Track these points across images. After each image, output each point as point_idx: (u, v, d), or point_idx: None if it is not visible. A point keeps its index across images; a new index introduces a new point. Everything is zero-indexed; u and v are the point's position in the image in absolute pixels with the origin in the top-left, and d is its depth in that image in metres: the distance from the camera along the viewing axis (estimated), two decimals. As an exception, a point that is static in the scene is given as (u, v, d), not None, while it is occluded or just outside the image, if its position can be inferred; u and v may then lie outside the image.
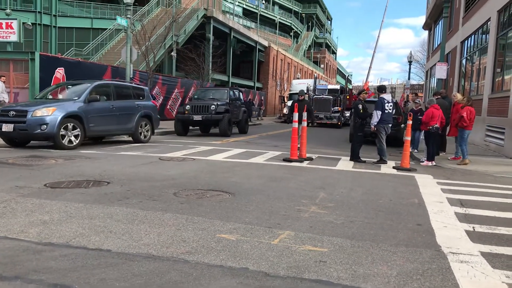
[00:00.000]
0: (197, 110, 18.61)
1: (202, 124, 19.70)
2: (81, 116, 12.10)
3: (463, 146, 11.72)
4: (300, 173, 9.31)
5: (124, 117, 13.80)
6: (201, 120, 18.50)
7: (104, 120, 13.04)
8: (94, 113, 12.61)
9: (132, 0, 18.23)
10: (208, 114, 18.38)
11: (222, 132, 18.52)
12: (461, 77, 23.31)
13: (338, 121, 31.90)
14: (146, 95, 15.31)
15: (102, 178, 7.57)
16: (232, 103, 19.97)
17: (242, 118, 21.25)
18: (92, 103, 12.53)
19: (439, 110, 11.70)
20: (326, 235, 4.76)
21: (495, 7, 16.18)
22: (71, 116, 11.88)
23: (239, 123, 21.26)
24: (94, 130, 12.75)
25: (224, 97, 20.04)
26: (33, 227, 4.61)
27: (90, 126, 12.42)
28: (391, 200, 6.88)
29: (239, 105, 21.30)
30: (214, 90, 22.03)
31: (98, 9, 38.79)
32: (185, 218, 5.17)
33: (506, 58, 15.28)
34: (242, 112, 21.33)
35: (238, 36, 46.28)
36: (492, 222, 5.68)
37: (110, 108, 13.28)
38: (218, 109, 18.46)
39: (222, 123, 18.48)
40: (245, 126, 21.98)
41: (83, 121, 12.17)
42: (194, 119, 18.41)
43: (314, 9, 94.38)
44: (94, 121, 12.57)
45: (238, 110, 20.91)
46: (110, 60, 28.81)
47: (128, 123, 13.99)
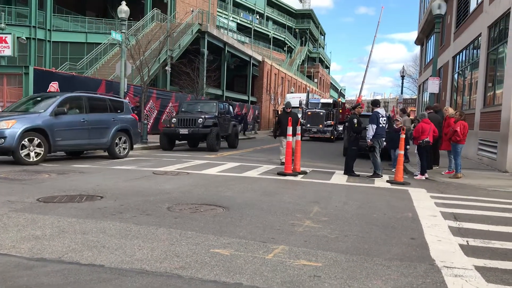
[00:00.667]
0: (184, 123, 17.89)
1: (188, 138, 18.80)
2: (45, 129, 11.51)
3: (458, 160, 11.79)
4: (294, 187, 9.31)
5: (97, 131, 13.10)
6: (188, 134, 17.71)
7: (73, 134, 12.40)
8: (62, 127, 12.01)
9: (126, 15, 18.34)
10: (195, 127, 17.65)
11: (210, 146, 17.77)
12: (453, 91, 23.52)
13: (331, 135, 31.63)
14: (125, 108, 14.55)
15: (96, 193, 7.53)
16: (221, 116, 19.37)
17: (231, 132, 20.57)
18: (59, 116, 11.94)
19: (429, 124, 11.79)
20: (320, 250, 4.74)
21: (486, 23, 16.42)
22: (34, 129, 11.33)
23: (229, 137, 20.60)
24: (62, 144, 12.16)
25: (213, 110, 19.37)
26: (25, 242, 4.56)
27: (56, 141, 11.83)
28: (385, 214, 6.88)
29: (228, 119, 20.65)
30: (203, 103, 21.15)
31: (92, 24, 38.91)
32: (178, 233, 5.15)
33: (497, 73, 15.45)
34: (231, 126, 20.67)
35: (232, 51, 46.55)
36: (486, 236, 5.69)
37: (81, 121, 12.65)
38: (205, 123, 17.80)
39: (209, 137, 17.68)
40: (235, 140, 21.25)
41: (48, 135, 11.57)
42: (181, 132, 17.64)
43: (307, 25, 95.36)
44: (61, 135, 11.98)
45: (227, 123, 20.29)
46: (104, 74, 28.83)
47: (102, 137, 13.27)
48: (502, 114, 13.90)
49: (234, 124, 21.15)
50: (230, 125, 20.57)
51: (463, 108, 20.00)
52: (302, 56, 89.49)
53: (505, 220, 6.81)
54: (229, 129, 20.43)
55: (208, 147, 17.89)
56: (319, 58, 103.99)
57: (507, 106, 13.51)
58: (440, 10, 15.31)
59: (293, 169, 11.54)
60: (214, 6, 52.34)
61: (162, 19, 38.08)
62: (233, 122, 21.18)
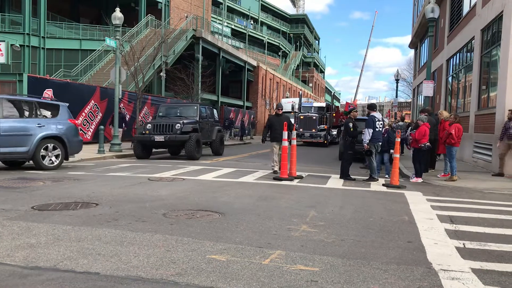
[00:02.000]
0: (160, 129, 16.25)
1: (165, 146, 17.02)
2: None
3: (453, 163, 11.81)
4: (290, 192, 9.30)
5: (12, 139, 11.30)
6: (164, 141, 15.96)
7: None
8: None
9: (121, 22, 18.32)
10: (172, 134, 16.01)
11: (189, 154, 16.13)
12: (447, 94, 23.63)
13: (324, 140, 30.62)
14: (61, 112, 12.57)
15: (91, 200, 7.49)
16: (202, 121, 17.85)
17: (215, 138, 19.03)
18: None
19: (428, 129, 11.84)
20: (317, 254, 4.73)
21: (479, 26, 16.53)
22: None
23: (213, 144, 19.08)
24: None
25: (193, 114, 17.75)
26: (20, 251, 4.52)
27: None
28: (381, 217, 6.88)
29: (212, 124, 19.11)
30: (182, 107, 19.21)
31: (87, 31, 38.87)
32: (174, 239, 5.12)
33: (490, 76, 15.54)
34: (215, 132, 19.09)
35: (227, 56, 46.62)
36: (482, 238, 5.70)
37: None
38: (184, 128, 16.21)
39: (188, 144, 15.99)
40: (220, 147, 19.58)
41: None
42: (156, 140, 15.90)
43: (301, 29, 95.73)
44: None
45: (210, 129, 18.82)
46: (99, 81, 28.79)
47: (19, 145, 11.45)
48: (496, 117, 13.97)
49: (218, 129, 19.62)
50: (214, 130, 19.06)
51: (457, 111, 20.08)
52: (297, 61, 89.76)
53: (501, 222, 6.83)
54: (213, 135, 18.94)
55: (187, 155, 16.33)
56: (314, 63, 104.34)
57: (501, 108, 13.58)
58: (433, 14, 15.39)
59: (289, 173, 11.53)
60: (208, 12, 52.46)
61: (157, 25, 38.12)
62: (217, 127, 19.68)
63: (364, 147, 11.64)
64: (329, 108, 34.53)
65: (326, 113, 33.02)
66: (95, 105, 22.48)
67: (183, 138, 16.04)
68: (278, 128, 12.22)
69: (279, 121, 12.32)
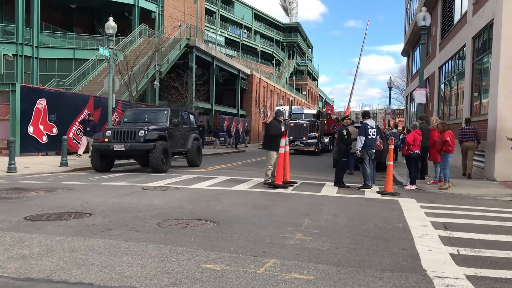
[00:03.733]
0: (120, 136, 14.14)
1: (126, 156, 14.95)
2: None
3: (446, 170, 11.82)
4: (285, 200, 9.29)
5: None
6: (125, 150, 13.90)
7: None
8: None
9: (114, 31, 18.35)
10: (135, 142, 13.94)
11: (153, 166, 14.06)
12: (440, 101, 23.78)
13: (315, 148, 29.36)
14: None
15: (84, 210, 7.44)
16: (174, 128, 15.77)
17: (191, 148, 16.97)
18: None
19: (420, 135, 11.89)
20: (312, 262, 4.72)
21: (470, 34, 16.69)
22: None
23: (188, 154, 17.02)
24: None
25: (163, 120, 15.66)
26: (12, 262, 4.48)
27: None
28: (376, 225, 6.88)
29: (187, 131, 17.09)
30: (151, 112, 17.12)
31: (80, 40, 38.85)
32: (168, 249, 5.10)
33: (482, 83, 15.67)
34: (191, 140, 17.05)
35: (221, 65, 46.71)
36: (476, 245, 5.72)
37: None
38: (148, 136, 14.11)
39: (153, 154, 13.90)
40: (196, 158, 17.40)
41: None
42: (115, 149, 13.87)
43: (295, 38, 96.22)
44: None
45: (185, 136, 16.80)
46: (92, 90, 28.72)
47: None
48: (488, 123, 14.07)
49: (195, 137, 17.54)
50: (189, 138, 17.02)
51: (450, 117, 20.22)
52: (290, 69, 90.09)
53: (495, 228, 6.85)
54: (188, 143, 16.91)
55: (151, 167, 14.23)
56: (307, 71, 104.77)
57: (493, 115, 13.69)
58: (425, 22, 15.53)
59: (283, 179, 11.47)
60: (202, 21, 52.62)
61: (150, 34, 38.16)
62: (194, 134, 17.54)
63: (357, 154, 11.67)
64: (320, 115, 33.03)
65: (317, 120, 31.62)
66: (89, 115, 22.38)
67: (146, 147, 13.98)
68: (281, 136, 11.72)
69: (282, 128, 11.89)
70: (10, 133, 17.70)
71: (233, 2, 77.50)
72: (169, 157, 15.02)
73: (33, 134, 18.77)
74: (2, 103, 18.94)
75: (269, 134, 11.85)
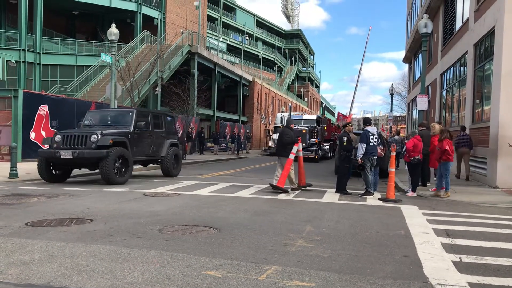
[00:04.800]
0: (70, 142, 12.25)
1: (75, 165, 12.83)
2: None
3: (447, 179, 11.70)
4: (286, 207, 9.27)
5: None
6: (72, 158, 11.94)
7: None
8: None
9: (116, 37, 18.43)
10: (85, 148, 12.06)
11: (104, 177, 12.13)
12: (442, 108, 23.78)
13: (315, 155, 28.63)
14: None
15: (85, 216, 7.44)
16: (140, 132, 13.80)
17: (166, 155, 14.97)
18: None
19: (420, 141, 11.86)
20: (313, 269, 4.70)
21: (471, 41, 16.71)
22: None
23: (163, 162, 15.02)
24: None
25: (127, 123, 13.66)
26: (13, 268, 4.47)
27: None
28: (377, 232, 6.86)
29: (161, 136, 15.06)
30: (114, 112, 15.18)
31: (82, 46, 39.03)
32: (170, 255, 5.08)
33: (484, 89, 15.67)
34: (167, 146, 15.12)
35: (223, 71, 46.83)
36: (479, 252, 5.69)
37: None
38: (101, 141, 12.14)
39: (104, 163, 11.94)
40: (173, 167, 15.28)
41: None
42: (62, 156, 11.96)
43: (296, 45, 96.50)
44: None
45: (158, 142, 14.85)
46: (94, 96, 28.80)
47: None
48: (490, 130, 14.05)
49: (172, 143, 15.56)
50: (164, 144, 15.14)
51: (452, 124, 20.20)
52: (292, 76, 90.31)
53: (497, 236, 6.82)
54: (162, 150, 14.99)
55: (102, 178, 12.39)
56: (309, 77, 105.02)
57: (495, 122, 13.67)
58: (427, 29, 15.57)
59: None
60: (204, 28, 52.82)
61: (152, 41, 38.33)
62: (171, 140, 15.54)
63: (358, 161, 11.64)
64: (320, 121, 32.35)
65: (317, 126, 31.05)
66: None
67: (97, 154, 11.99)
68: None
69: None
70: (12, 139, 17.73)
71: (235, 9, 77.84)
72: (129, 166, 12.87)
73: (35, 140, 18.79)
74: (4, 109, 18.99)
75: (283, 141, 12.29)
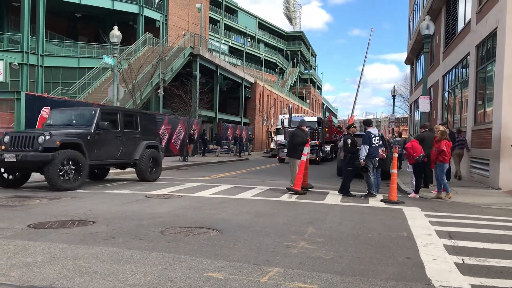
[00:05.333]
0: (18, 143, 11.39)
1: (20, 168, 11.77)
2: None
3: (443, 180, 11.66)
4: (288, 208, 9.26)
5: None
6: (15, 161, 10.99)
7: None
8: None
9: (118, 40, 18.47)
10: (30, 151, 11.12)
11: (49, 182, 11.12)
12: (444, 110, 23.74)
13: (316, 157, 27.93)
14: None
15: (88, 218, 7.45)
16: (104, 132, 12.59)
17: (141, 158, 13.80)
18: None
19: (417, 143, 11.93)
20: (315, 271, 4.70)
21: (473, 42, 16.69)
22: None
23: (137, 165, 13.88)
24: None
25: (88, 122, 12.53)
26: (15, 270, 4.48)
27: None
28: (380, 233, 6.85)
29: (134, 137, 13.81)
30: (79, 112, 13.58)
31: (85, 49, 39.09)
32: (172, 257, 5.08)
33: (486, 91, 15.64)
34: (142, 148, 13.93)
35: (225, 73, 46.88)
36: (481, 254, 5.67)
37: None
38: (47, 143, 11.11)
39: (47, 168, 10.91)
40: (149, 170, 14.19)
41: None
42: (6, 159, 11.03)
43: (298, 46, 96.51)
44: None
45: (130, 144, 13.58)
46: (96, 99, 28.86)
47: None
48: (493, 132, 14.02)
49: (149, 145, 14.32)
50: (138, 146, 13.94)
51: (454, 126, 20.17)
52: (294, 78, 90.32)
53: (500, 237, 6.81)
54: (136, 153, 13.79)
55: (48, 183, 11.31)
56: (311, 79, 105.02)
57: (497, 123, 13.64)
58: (429, 31, 15.55)
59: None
60: (206, 30, 52.89)
61: (154, 43, 38.40)
62: (147, 141, 14.28)
63: (361, 163, 11.61)
64: (321, 122, 31.80)
65: (318, 128, 30.49)
66: (93, 123, 22.47)
67: (41, 157, 10.92)
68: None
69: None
70: (15, 141, 17.72)
71: (237, 11, 77.95)
72: (82, 171, 11.69)
73: (37, 142, 18.78)
74: (7, 111, 19.03)
75: (294, 142, 12.51)
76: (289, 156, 12.92)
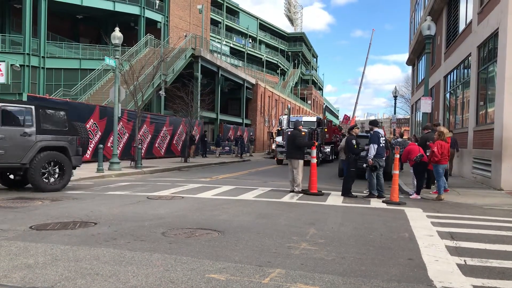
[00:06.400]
0: None
1: None
2: None
3: (440, 181, 11.60)
4: (290, 209, 9.25)
5: None
6: None
7: None
8: None
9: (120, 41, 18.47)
10: None
11: None
12: (445, 110, 23.71)
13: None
14: None
15: (89, 219, 7.45)
16: None
17: (31, 162, 11.00)
18: None
19: (415, 145, 11.93)
20: (317, 272, 4.69)
21: (475, 43, 16.67)
22: None
23: (28, 171, 11.06)
24: None
25: None
26: (17, 271, 4.48)
27: None
28: (381, 234, 6.84)
29: (23, 137, 10.88)
30: None
31: (86, 50, 39.12)
32: (173, 258, 5.08)
33: (488, 91, 15.62)
34: (34, 150, 11.06)
35: (226, 74, 46.87)
36: (483, 255, 5.66)
37: None
38: None
39: None
40: (40, 177, 11.18)
41: None
42: None
43: (299, 47, 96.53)
44: None
45: (14, 145, 10.77)
46: (98, 100, 28.88)
47: None
48: (494, 132, 14.00)
49: (45, 146, 11.35)
50: (28, 148, 11.04)
51: (456, 126, 20.14)
52: (295, 79, 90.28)
53: (502, 238, 6.79)
54: (25, 156, 10.95)
55: None
56: (312, 80, 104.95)
57: (499, 124, 13.62)
58: (430, 31, 15.54)
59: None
60: (207, 31, 52.91)
61: (156, 44, 38.41)
62: (43, 142, 11.29)
63: (369, 162, 11.50)
64: (320, 122, 31.07)
65: (317, 128, 29.64)
66: (94, 124, 22.52)
67: None
68: None
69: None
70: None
71: (238, 12, 77.98)
72: None
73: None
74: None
75: (295, 143, 12.39)
76: (289, 157, 12.85)
